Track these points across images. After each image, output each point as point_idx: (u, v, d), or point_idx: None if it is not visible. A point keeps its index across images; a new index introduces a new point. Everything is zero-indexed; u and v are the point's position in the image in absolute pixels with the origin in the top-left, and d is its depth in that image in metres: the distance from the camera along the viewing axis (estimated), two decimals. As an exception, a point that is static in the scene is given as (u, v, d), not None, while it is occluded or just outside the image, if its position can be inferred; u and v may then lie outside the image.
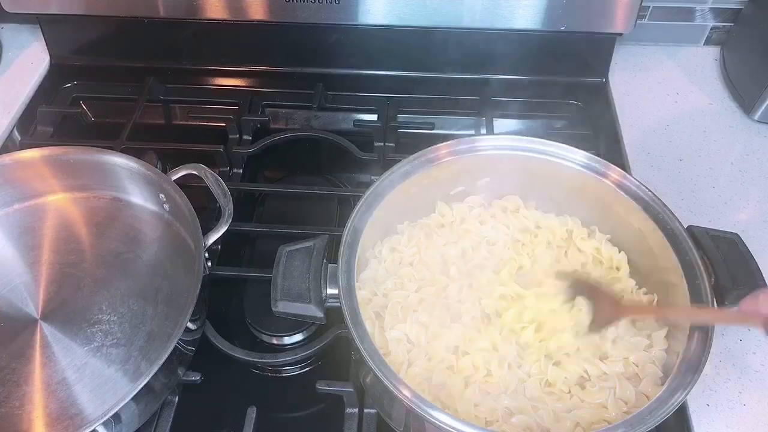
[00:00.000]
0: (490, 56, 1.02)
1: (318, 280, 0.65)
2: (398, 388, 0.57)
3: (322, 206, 0.90)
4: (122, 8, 1.00)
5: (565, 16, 0.97)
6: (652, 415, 0.56)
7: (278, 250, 0.68)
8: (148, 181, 0.80)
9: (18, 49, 1.11)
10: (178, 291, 0.75)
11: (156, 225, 0.82)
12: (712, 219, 0.87)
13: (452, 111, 1.02)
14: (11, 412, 0.67)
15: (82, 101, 1.06)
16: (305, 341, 0.77)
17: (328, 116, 1.03)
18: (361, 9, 0.98)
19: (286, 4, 0.98)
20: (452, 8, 0.97)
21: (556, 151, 0.75)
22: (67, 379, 0.69)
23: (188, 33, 1.05)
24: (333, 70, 1.07)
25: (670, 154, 0.95)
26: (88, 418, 0.66)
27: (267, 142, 0.95)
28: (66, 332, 0.72)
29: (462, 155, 0.76)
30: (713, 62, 1.10)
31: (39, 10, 1.03)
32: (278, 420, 0.72)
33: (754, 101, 0.98)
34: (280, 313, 0.64)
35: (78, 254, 0.80)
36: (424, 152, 0.75)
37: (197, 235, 0.72)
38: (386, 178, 0.73)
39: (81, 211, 0.84)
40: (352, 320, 0.61)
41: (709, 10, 1.06)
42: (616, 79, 1.07)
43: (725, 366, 0.74)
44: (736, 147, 0.97)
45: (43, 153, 0.81)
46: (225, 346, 0.73)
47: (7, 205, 0.83)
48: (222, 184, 0.77)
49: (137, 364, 0.70)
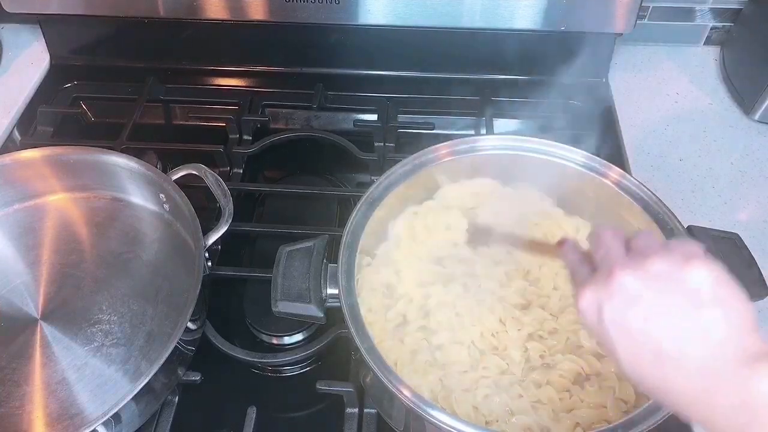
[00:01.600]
0: (490, 56, 1.02)
1: (318, 280, 0.65)
2: (398, 388, 0.57)
3: (322, 206, 0.90)
4: (122, 8, 1.00)
5: (565, 16, 0.97)
6: (652, 415, 0.56)
7: (278, 250, 0.68)
8: (148, 181, 0.80)
9: (18, 49, 1.11)
10: (178, 291, 0.75)
11: (156, 225, 0.82)
12: (712, 219, 0.87)
13: (452, 111, 1.02)
14: (11, 412, 0.67)
15: (82, 101, 1.06)
16: (305, 341, 0.77)
17: (328, 116, 1.03)
18: (361, 9, 0.98)
19: (286, 4, 0.98)
20: (452, 8, 0.97)
21: (556, 151, 0.75)
22: (67, 379, 0.69)
23: (188, 33, 1.05)
24: (333, 70, 1.07)
25: (670, 154, 0.96)
26: (88, 418, 0.66)
27: (267, 142, 0.95)
28: (66, 332, 0.72)
29: (462, 155, 0.76)
30: (713, 62, 1.10)
31: (39, 10, 1.03)
32: (278, 420, 0.72)
33: (754, 101, 0.98)
34: (280, 313, 0.64)
35: (78, 254, 0.80)
36: (424, 152, 0.75)
37: (197, 235, 0.72)
38: (386, 178, 0.73)
39: (81, 211, 0.84)
40: (352, 320, 0.61)
41: (709, 10, 1.06)
42: (616, 79, 1.07)
43: (725, 366, 0.73)
44: (736, 147, 0.97)
45: (43, 153, 0.81)
46: (225, 346, 0.73)
47: (7, 205, 0.83)
48: (222, 184, 0.77)
49: (137, 364, 0.70)
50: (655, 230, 0.69)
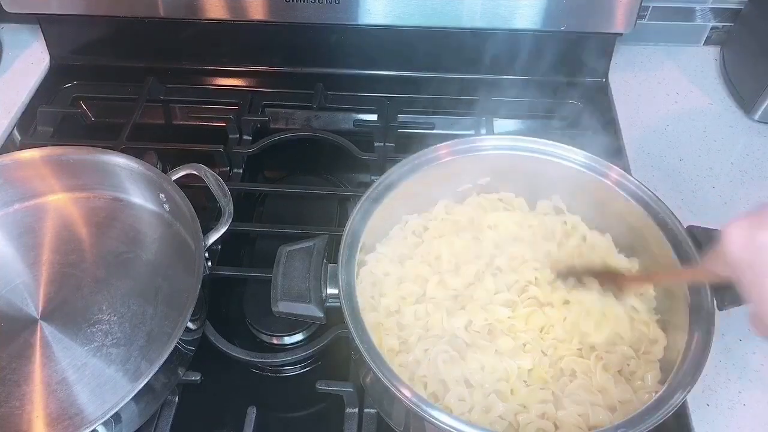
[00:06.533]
0: (490, 56, 1.02)
1: (318, 280, 0.65)
2: (398, 388, 0.57)
3: (322, 206, 0.90)
4: (122, 8, 1.00)
5: (565, 16, 0.97)
6: (652, 415, 0.56)
7: (278, 250, 0.68)
8: (148, 181, 0.80)
9: (18, 49, 1.11)
10: (178, 291, 0.75)
11: (156, 225, 0.82)
12: (712, 219, 0.87)
13: (452, 111, 1.02)
14: (11, 412, 0.67)
15: (82, 101, 1.06)
16: (305, 341, 0.77)
17: (328, 116, 1.03)
18: (361, 9, 0.98)
19: (286, 4, 0.98)
20: (452, 8, 0.97)
21: (556, 151, 0.75)
22: (67, 379, 0.69)
23: (188, 33, 1.05)
24: (333, 70, 1.07)
25: (670, 154, 0.96)
26: (88, 418, 0.66)
27: (267, 142, 0.95)
28: (66, 332, 0.72)
29: (462, 155, 0.76)
30: (713, 62, 1.10)
31: (39, 10, 1.03)
32: (278, 420, 0.72)
33: (754, 101, 0.98)
34: (280, 313, 0.64)
35: (78, 254, 0.80)
36: (424, 152, 0.75)
37: (197, 235, 0.72)
38: (386, 178, 0.73)
39: (81, 211, 0.84)
40: (352, 320, 0.61)
41: (709, 10, 1.06)
42: (616, 79, 1.07)
43: (725, 366, 0.74)
44: (736, 147, 0.97)
45: (43, 153, 0.81)
46: (225, 346, 0.73)
47: (7, 205, 0.83)
48: (222, 184, 0.77)
49: (137, 364, 0.70)
50: (655, 230, 0.69)
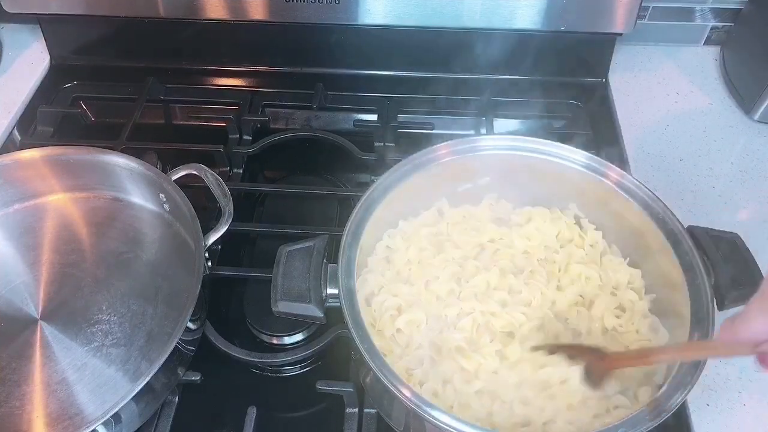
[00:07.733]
0: (490, 56, 1.02)
1: (318, 280, 0.65)
2: (398, 388, 0.57)
3: (322, 206, 0.90)
4: (122, 8, 1.00)
5: (565, 16, 0.97)
6: (652, 415, 0.56)
7: (278, 250, 0.68)
8: (148, 181, 0.80)
9: (18, 49, 1.11)
10: (178, 291, 0.75)
11: (156, 225, 0.82)
12: (712, 219, 0.87)
13: (452, 111, 1.02)
14: (11, 412, 0.67)
15: (82, 101, 1.06)
16: (305, 341, 0.77)
17: (328, 116, 1.03)
18: (361, 9, 0.98)
19: (286, 4, 0.98)
20: (452, 8, 0.97)
21: (556, 151, 0.75)
22: (67, 379, 0.69)
23: (188, 33, 1.05)
24: (333, 70, 1.07)
25: (670, 154, 0.96)
26: (88, 418, 0.66)
27: (267, 142, 0.95)
28: (66, 332, 0.73)
29: (462, 155, 0.76)
30: (713, 62, 1.10)
31: (39, 10, 1.03)
32: (278, 420, 0.72)
33: (754, 101, 0.98)
34: (280, 313, 0.64)
35: (78, 254, 0.80)
36: (424, 152, 0.75)
37: (197, 235, 0.72)
38: (386, 178, 0.73)
39: (81, 211, 0.84)
40: (352, 320, 0.61)
41: (709, 10, 1.06)
42: (616, 79, 1.07)
43: (725, 366, 0.74)
44: (736, 147, 0.97)
45: (43, 153, 0.81)
46: (225, 346, 0.73)
47: (7, 205, 0.83)
48: (222, 184, 0.77)
49: (137, 364, 0.70)
50: (655, 230, 0.69)
